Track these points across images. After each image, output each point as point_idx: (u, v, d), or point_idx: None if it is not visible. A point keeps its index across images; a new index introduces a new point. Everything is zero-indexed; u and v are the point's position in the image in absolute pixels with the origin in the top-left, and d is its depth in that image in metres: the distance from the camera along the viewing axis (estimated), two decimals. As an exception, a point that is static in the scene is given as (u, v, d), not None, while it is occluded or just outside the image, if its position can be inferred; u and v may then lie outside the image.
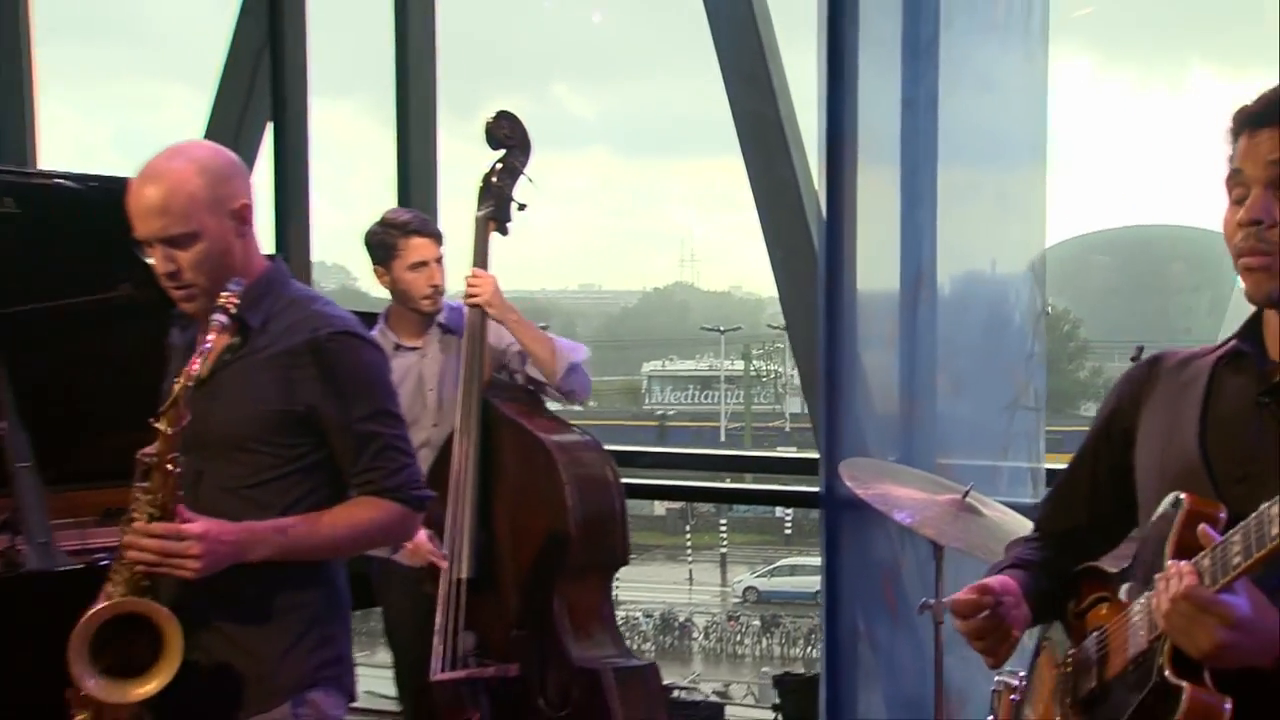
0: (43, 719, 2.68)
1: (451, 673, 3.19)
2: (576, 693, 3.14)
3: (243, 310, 2.30)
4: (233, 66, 6.27)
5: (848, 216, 4.93)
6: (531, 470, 3.23)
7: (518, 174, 3.33)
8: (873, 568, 5.00)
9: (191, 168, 2.26)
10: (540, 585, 3.21)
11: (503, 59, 31.95)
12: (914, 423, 4.88)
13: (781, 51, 5.46)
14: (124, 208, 3.31)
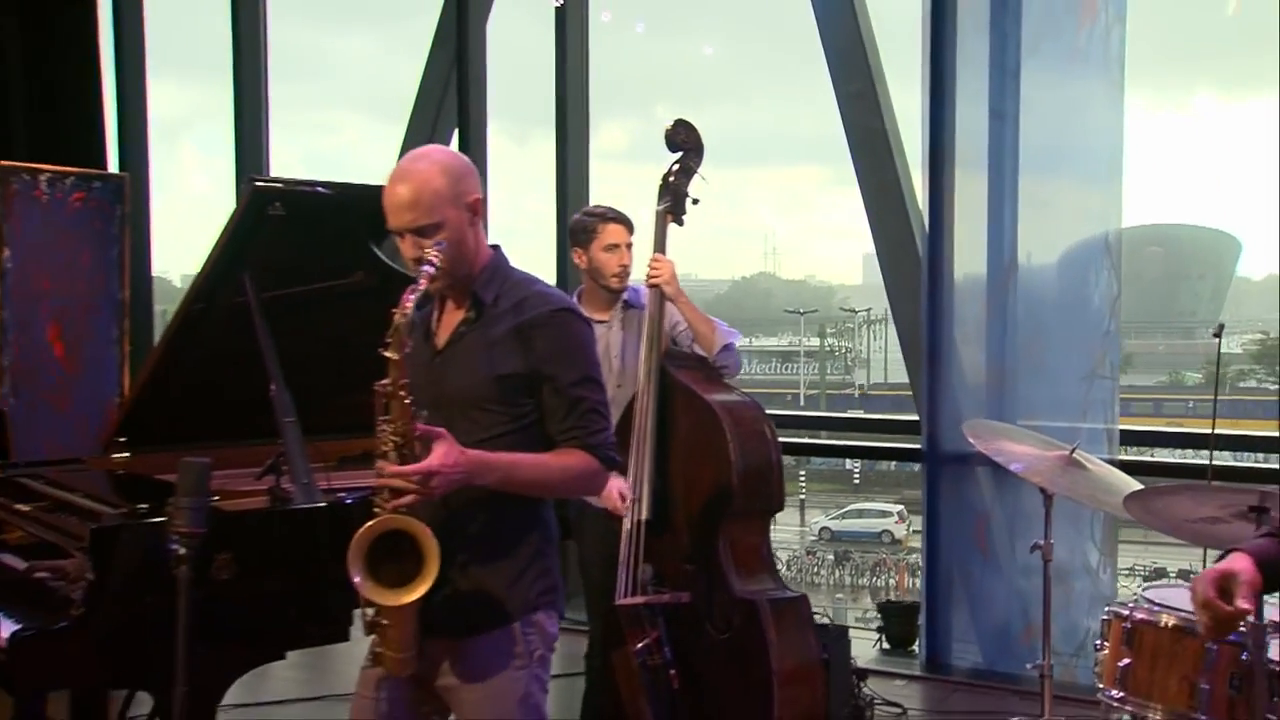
0: (316, 623, 2.81)
1: (633, 598, 3.17)
2: (737, 619, 3.10)
3: (477, 288, 2.29)
4: (425, 92, 6.33)
5: (946, 213, 4.87)
6: (701, 428, 3.18)
7: (692, 173, 3.31)
8: (966, 514, 4.93)
9: (434, 168, 2.25)
10: (708, 527, 3.17)
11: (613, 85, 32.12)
12: (1001, 390, 4.81)
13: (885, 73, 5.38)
14: (360, 210, 3.38)
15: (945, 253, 4.85)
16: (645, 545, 3.17)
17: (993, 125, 4.83)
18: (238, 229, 3.14)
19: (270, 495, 2.96)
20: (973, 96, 4.84)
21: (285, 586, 2.79)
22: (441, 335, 2.34)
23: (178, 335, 3.35)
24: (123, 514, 2.76)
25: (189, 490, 2.14)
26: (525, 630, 2.28)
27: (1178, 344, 44.86)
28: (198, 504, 2.13)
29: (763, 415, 3.26)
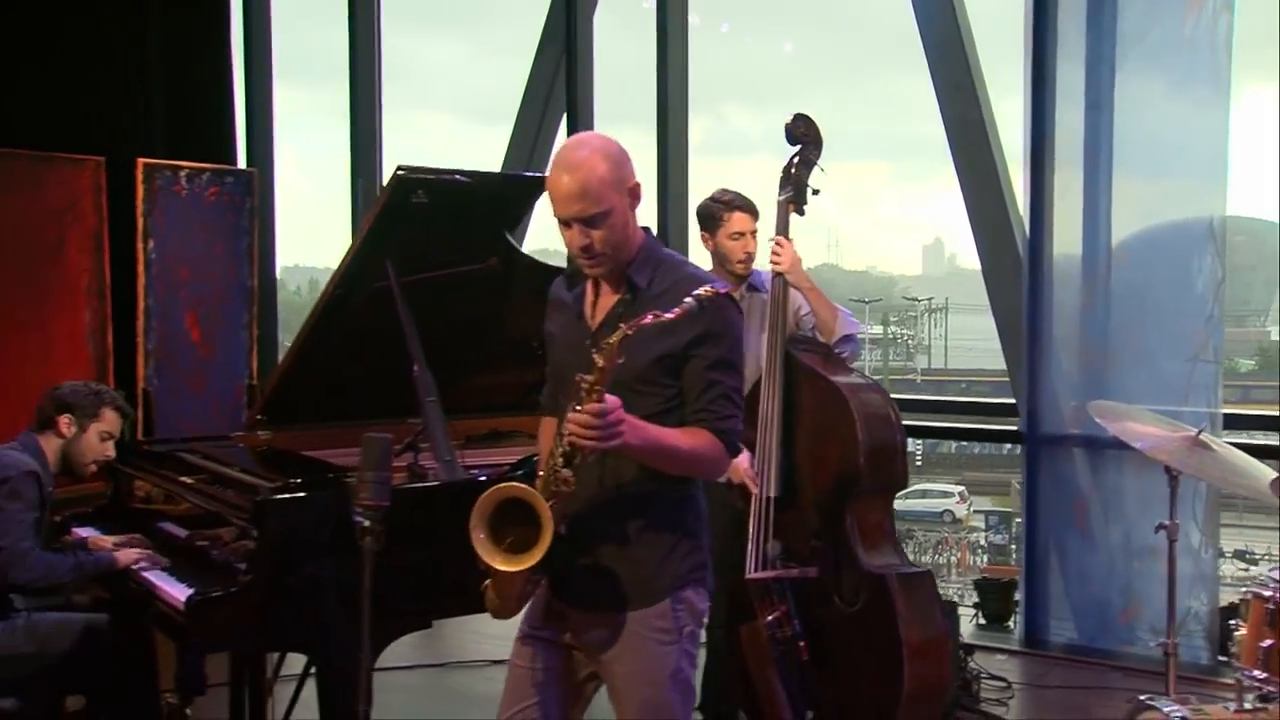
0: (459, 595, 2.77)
1: (762, 573, 3.10)
2: (866, 592, 3.02)
3: (632, 271, 2.22)
4: (531, 90, 6.30)
5: (1047, 199, 4.73)
6: (826, 408, 3.10)
7: (812, 165, 3.21)
8: (1064, 494, 4.78)
9: (597, 156, 2.16)
10: (834, 504, 3.09)
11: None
12: (1105, 374, 4.67)
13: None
14: (496, 198, 3.35)
15: (1046, 238, 4.71)
16: (773, 521, 3.10)
17: (1090, 115, 4.68)
18: (382, 215, 3.12)
19: (409, 472, 2.94)
20: (1072, 85, 4.70)
21: (431, 559, 2.76)
22: (596, 317, 2.27)
23: (321, 319, 3.34)
24: (278, 487, 2.75)
25: (373, 464, 2.10)
26: (675, 606, 2.22)
27: (1232, 331, 43.77)
28: (381, 477, 2.09)
29: (888, 398, 3.17)
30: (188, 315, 6.09)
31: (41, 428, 3.15)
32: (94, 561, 3.00)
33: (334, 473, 2.98)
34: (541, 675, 2.28)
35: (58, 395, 3.16)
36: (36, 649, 2.93)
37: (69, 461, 3.17)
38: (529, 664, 2.31)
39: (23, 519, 2.95)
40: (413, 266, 3.22)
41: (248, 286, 6.37)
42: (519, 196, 3.43)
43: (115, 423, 3.21)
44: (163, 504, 3.33)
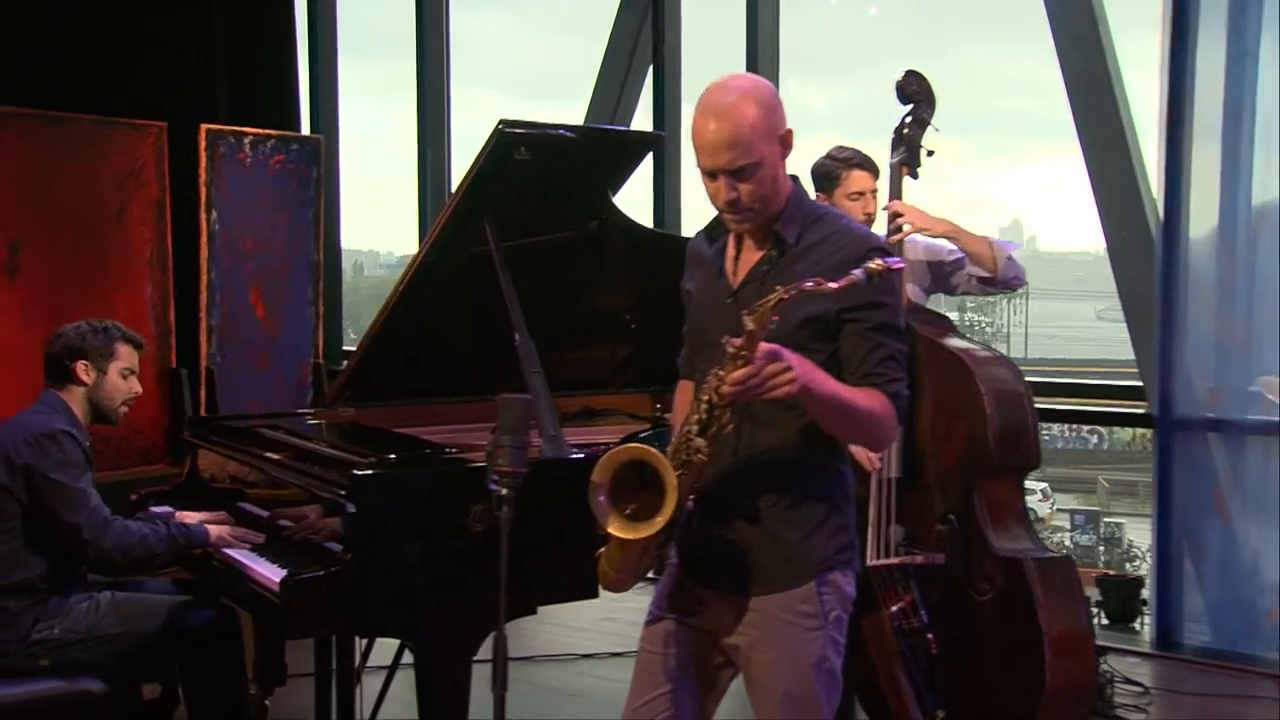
0: (566, 579, 2.75)
1: (886, 559, 3.03)
2: (1001, 579, 2.93)
3: (779, 225, 2.14)
4: (611, 57, 6.23)
5: (1185, 165, 4.58)
6: (950, 382, 3.02)
7: (925, 124, 3.12)
8: (1201, 482, 4.63)
9: (748, 101, 2.07)
10: (962, 484, 3.02)
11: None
12: (1247, 352, 4.52)
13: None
14: (600, 155, 3.29)
15: (1182, 207, 4.55)
16: (896, 504, 3.04)
17: (1231, 74, 4.50)
18: (482, 173, 3.08)
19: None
20: (1213, 43, 4.52)
21: (536, 540, 2.71)
22: (738, 274, 2.19)
23: (410, 287, 3.34)
24: (376, 461, 2.73)
25: (510, 428, 2.05)
26: (821, 589, 2.15)
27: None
28: (519, 442, 2.05)
29: (1017, 371, 3.09)
30: (251, 290, 6.13)
31: (59, 381, 3.07)
32: (186, 533, 2.99)
33: (430, 449, 2.96)
34: (674, 662, 2.23)
35: (64, 343, 3.07)
36: (122, 629, 2.94)
37: (99, 409, 3.10)
38: (660, 649, 2.26)
39: (84, 486, 2.93)
40: (509, 230, 3.20)
41: (313, 260, 6.40)
42: (628, 154, 3.37)
43: (132, 356, 3.15)
44: (241, 482, 3.34)
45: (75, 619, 2.91)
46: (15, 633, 2.82)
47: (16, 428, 2.96)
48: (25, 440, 2.91)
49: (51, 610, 2.89)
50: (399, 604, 2.62)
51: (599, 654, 4.44)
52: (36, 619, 2.85)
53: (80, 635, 2.89)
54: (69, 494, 2.88)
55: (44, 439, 2.89)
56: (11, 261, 5.25)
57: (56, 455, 2.90)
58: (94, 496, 2.92)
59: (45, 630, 2.87)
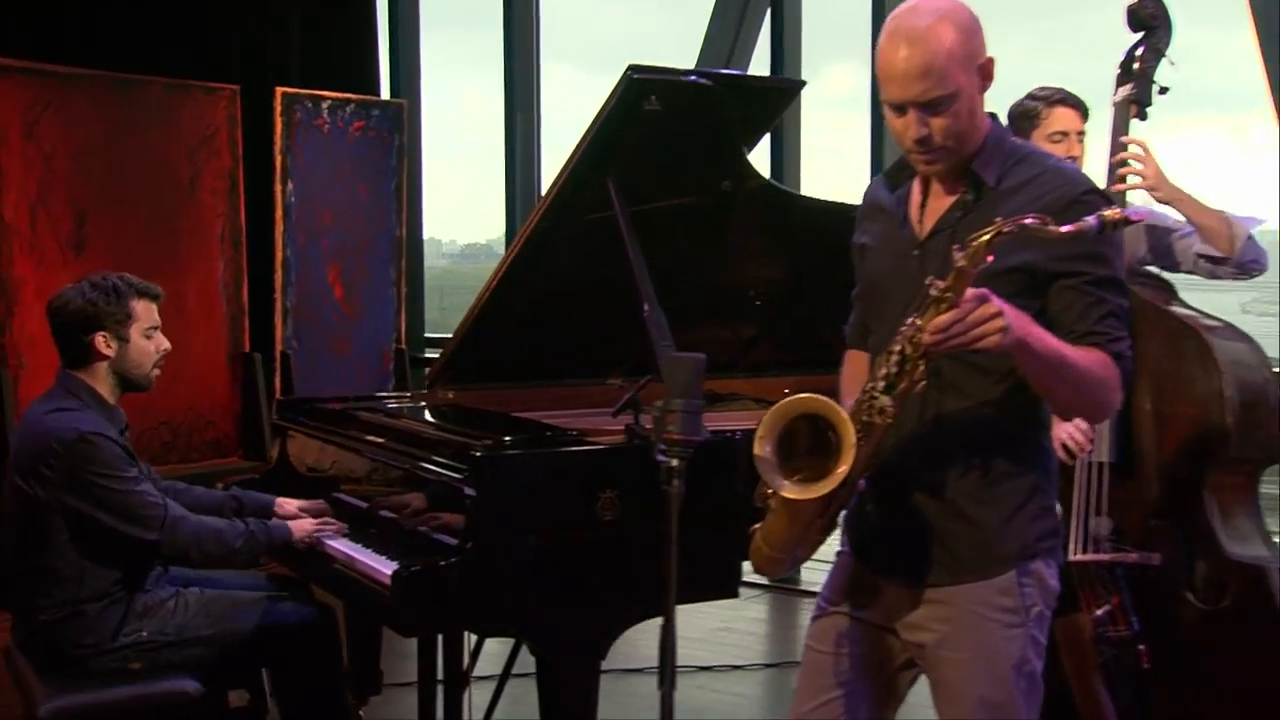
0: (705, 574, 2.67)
1: (1092, 555, 2.84)
2: (1235, 587, 2.74)
3: (976, 166, 2.01)
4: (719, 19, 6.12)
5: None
6: (1178, 355, 2.83)
7: (1160, 55, 2.89)
8: None
9: (945, 24, 1.93)
10: (1187, 474, 2.82)
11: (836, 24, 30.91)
12: None
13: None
14: (738, 106, 3.20)
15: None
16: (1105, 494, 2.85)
17: None
18: (606, 127, 2.99)
19: (629, 434, 2.81)
20: None
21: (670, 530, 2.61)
22: (926, 222, 2.07)
23: (520, 258, 3.28)
24: (499, 443, 2.66)
25: (681, 390, 1.94)
26: (1022, 580, 2.01)
27: None
28: (691, 406, 1.93)
29: (1255, 343, 2.86)
30: (330, 269, 6.12)
31: (77, 360, 2.89)
32: (266, 531, 2.92)
33: (551, 430, 2.89)
34: (846, 663, 2.13)
35: (72, 314, 2.86)
36: (214, 630, 2.87)
37: (128, 380, 2.94)
38: (830, 648, 2.16)
39: (140, 488, 2.81)
40: (639, 192, 3.10)
41: (394, 236, 6.38)
42: (768, 105, 3.27)
43: (151, 311, 2.96)
44: (322, 470, 3.30)
45: (163, 619, 2.85)
46: (99, 636, 2.76)
47: (39, 432, 2.81)
48: (56, 447, 2.75)
49: (136, 611, 2.83)
50: (521, 600, 2.56)
51: (717, 666, 4.38)
52: (121, 621, 2.80)
53: (170, 637, 2.82)
54: (121, 500, 2.77)
55: (78, 444, 2.75)
56: (78, 234, 5.28)
57: (97, 461, 2.77)
58: (150, 494, 2.81)
59: (133, 633, 2.81)
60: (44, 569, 2.79)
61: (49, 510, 2.78)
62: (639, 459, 2.70)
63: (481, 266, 14.36)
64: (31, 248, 5.12)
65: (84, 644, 2.77)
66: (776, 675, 4.40)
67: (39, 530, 2.79)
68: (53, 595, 2.79)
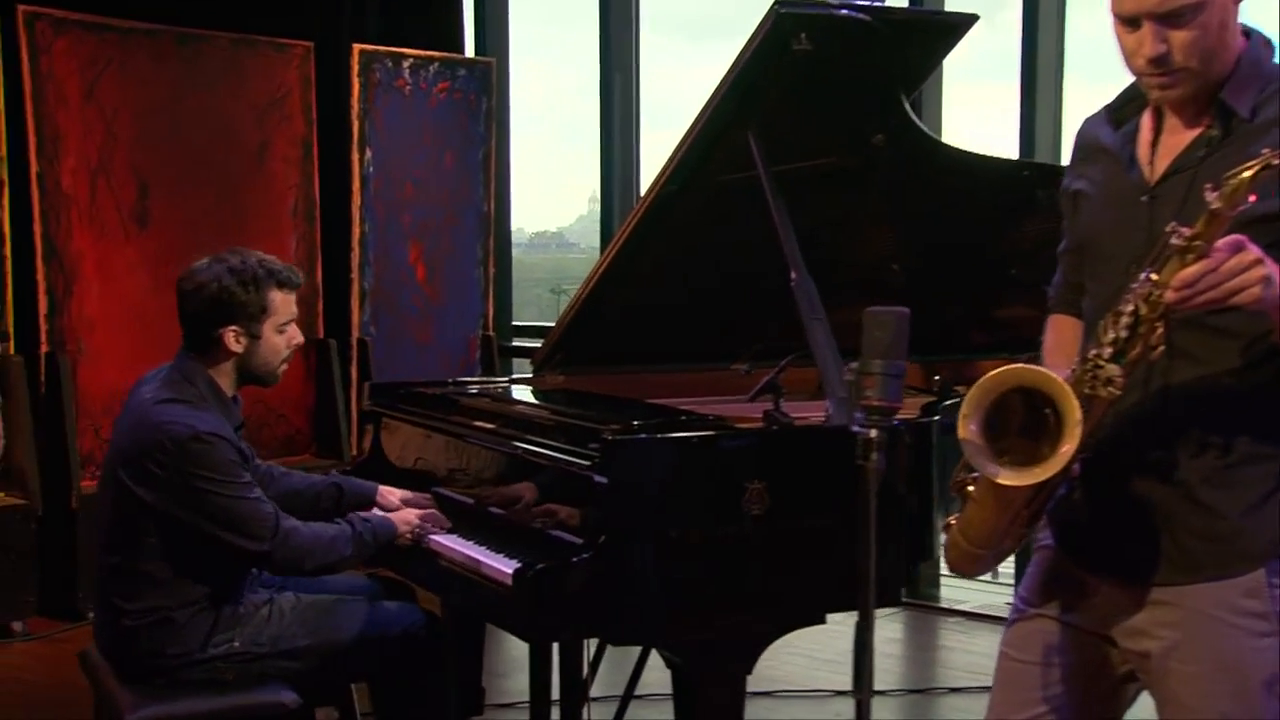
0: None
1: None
2: None
3: (1226, 94, 1.92)
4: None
5: None
6: None
7: None
8: None
9: None
10: None
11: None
12: None
13: None
14: (899, 48, 3.15)
15: None
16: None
17: None
18: (747, 72, 2.98)
19: (768, 420, 2.80)
20: None
21: (828, 528, 2.63)
22: (1159, 163, 2.00)
23: (641, 227, 3.28)
24: (631, 427, 2.67)
25: (880, 349, 1.90)
26: (1272, 581, 1.94)
27: None
28: (893, 368, 1.90)
29: None
30: (411, 247, 6.17)
31: (201, 350, 2.89)
32: (373, 530, 2.92)
33: (686, 415, 2.88)
34: (1055, 674, 2.09)
35: (203, 301, 2.84)
36: (311, 640, 2.88)
37: (252, 376, 2.96)
38: (1033, 657, 2.12)
39: (253, 495, 2.81)
40: (781, 149, 3.09)
41: (482, 212, 6.42)
42: (934, 45, 3.23)
43: (289, 304, 2.95)
44: (438, 460, 3.31)
45: (256, 628, 2.87)
46: (187, 645, 2.79)
47: (149, 423, 2.80)
48: (166, 444, 2.75)
49: (226, 620, 2.85)
50: (660, 603, 2.55)
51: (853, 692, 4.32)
52: (211, 630, 2.83)
53: (264, 648, 2.85)
54: (231, 509, 2.77)
55: (191, 444, 2.74)
56: (140, 207, 5.38)
57: (209, 465, 2.76)
58: (263, 502, 2.82)
59: (224, 644, 2.84)
60: (133, 571, 2.83)
61: (148, 510, 2.80)
62: (789, 448, 2.75)
63: (551, 258, 14.36)
64: (91, 219, 5.22)
65: (171, 653, 2.81)
66: (920, 702, 4.35)
67: (133, 529, 2.82)
68: (140, 599, 2.82)
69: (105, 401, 5.19)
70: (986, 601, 5.12)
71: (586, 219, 16.36)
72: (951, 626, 5.07)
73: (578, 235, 16.39)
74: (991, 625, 4.94)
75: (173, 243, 5.40)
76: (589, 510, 2.61)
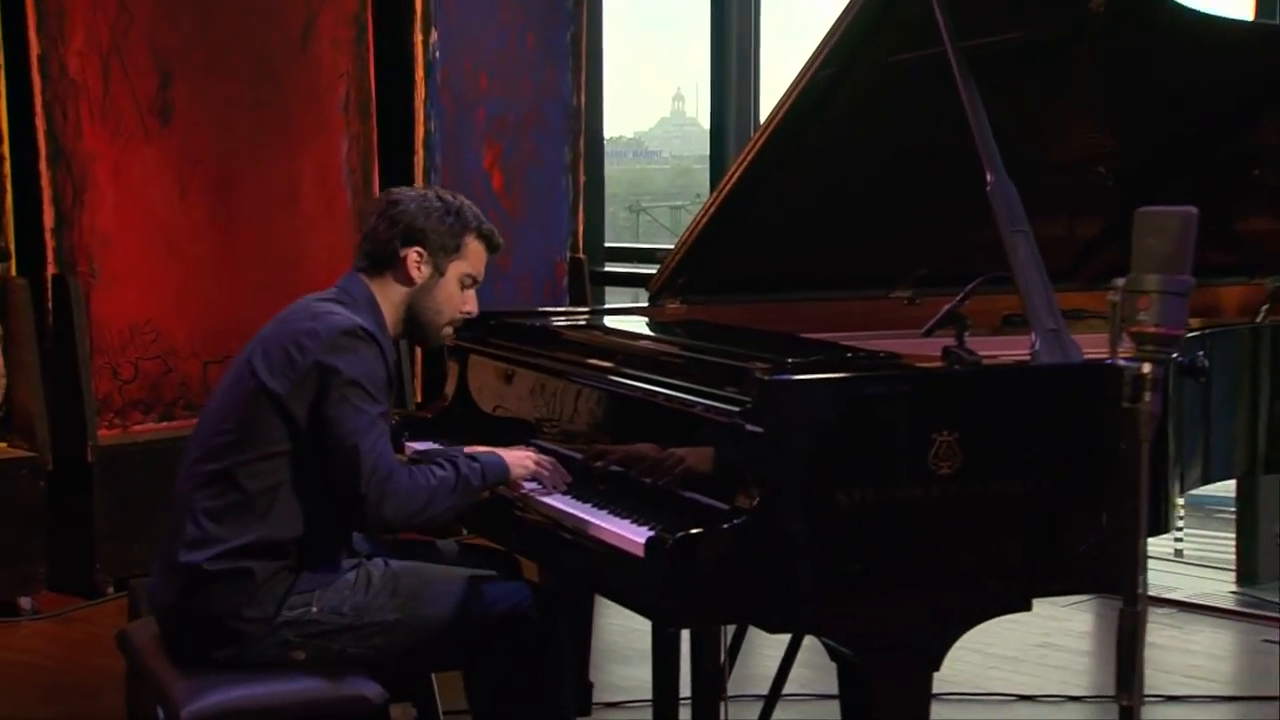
0: (1084, 558, 2.65)
1: None
2: None
3: None
4: None
5: None
6: None
7: None
8: None
9: None
10: None
11: None
12: None
13: None
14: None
15: None
16: None
17: None
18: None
19: (948, 359, 2.76)
20: None
21: (1042, 490, 2.63)
22: None
23: (788, 120, 3.28)
24: (794, 365, 2.64)
25: (1158, 260, 1.83)
26: None
27: None
28: (1176, 285, 1.82)
29: None
30: (486, 150, 6.17)
31: (376, 267, 3.04)
32: (480, 473, 2.94)
33: (853, 352, 2.87)
34: None
35: (398, 215, 3.02)
36: (400, 614, 2.89)
37: (415, 323, 3.07)
38: None
39: (380, 430, 2.86)
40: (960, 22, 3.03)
41: (570, 107, 6.40)
42: None
43: (481, 259, 3.10)
44: (539, 405, 3.33)
45: (338, 594, 2.88)
46: (262, 609, 2.81)
47: (306, 314, 2.92)
48: (318, 329, 2.85)
49: (307, 580, 2.87)
50: (823, 581, 2.54)
51: (1042, 696, 4.36)
52: (289, 590, 2.84)
53: (345, 620, 2.86)
54: (356, 429, 2.81)
55: (347, 334, 2.85)
56: (162, 99, 5.39)
57: (358, 365, 2.84)
58: (386, 437, 2.88)
59: (300, 608, 2.84)
60: (229, 481, 2.85)
61: (273, 406, 2.84)
62: (983, 393, 2.72)
63: (628, 169, 14.35)
64: (104, 113, 5.24)
65: (247, 615, 2.82)
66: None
67: (248, 429, 2.87)
68: (224, 521, 2.84)
69: (124, 336, 5.25)
70: (1202, 590, 5.05)
71: (670, 123, 16.30)
72: (1161, 620, 5.03)
73: (659, 142, 16.34)
74: (1213, 620, 4.88)
75: (200, 142, 5.43)
76: (737, 467, 2.59)
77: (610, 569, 2.71)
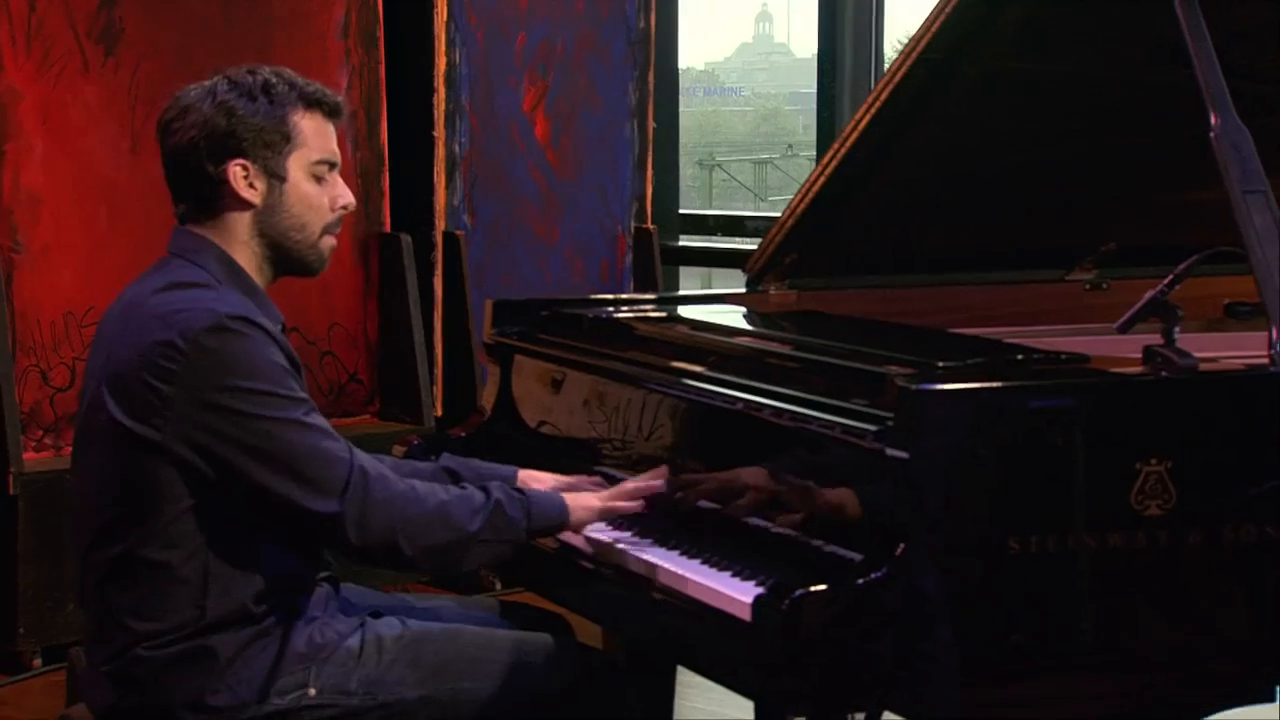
0: None
1: None
2: None
3: None
4: None
5: None
6: None
7: None
8: None
9: None
10: None
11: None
12: None
13: None
14: None
15: None
16: None
17: None
18: None
19: (1152, 362, 2.82)
20: None
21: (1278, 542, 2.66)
22: None
23: (931, 50, 3.32)
24: (929, 374, 2.69)
25: None
26: None
27: None
28: None
29: None
30: (528, 87, 6.20)
31: (201, 212, 2.99)
32: (524, 505, 2.96)
33: (1025, 354, 2.92)
34: None
35: (196, 126, 2.92)
36: (425, 690, 2.92)
37: (282, 253, 3.02)
38: None
39: (314, 421, 2.84)
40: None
41: (634, 35, 6.42)
42: None
43: (326, 135, 3.00)
44: (605, 420, 3.37)
45: (341, 668, 2.90)
46: (236, 694, 2.82)
47: (145, 322, 2.86)
48: (177, 343, 2.79)
49: (298, 650, 2.89)
50: (992, 654, 2.57)
51: None
52: (274, 666, 2.86)
53: (355, 700, 2.89)
54: (285, 439, 2.79)
55: (215, 337, 2.79)
56: (105, 19, 5.44)
57: (245, 367, 2.80)
58: (329, 433, 2.86)
59: (294, 691, 2.86)
60: (144, 566, 2.84)
61: (158, 458, 2.82)
62: (1204, 408, 2.75)
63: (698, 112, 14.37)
64: (29, 42, 5.28)
65: (214, 705, 2.83)
66: None
67: (138, 495, 2.84)
68: (160, 612, 2.83)
69: (57, 328, 5.30)
70: None
71: (752, 50, 16.37)
72: None
73: (738, 76, 16.44)
74: None
75: (155, 78, 5.47)
76: (873, 503, 2.64)
77: (701, 635, 2.75)
